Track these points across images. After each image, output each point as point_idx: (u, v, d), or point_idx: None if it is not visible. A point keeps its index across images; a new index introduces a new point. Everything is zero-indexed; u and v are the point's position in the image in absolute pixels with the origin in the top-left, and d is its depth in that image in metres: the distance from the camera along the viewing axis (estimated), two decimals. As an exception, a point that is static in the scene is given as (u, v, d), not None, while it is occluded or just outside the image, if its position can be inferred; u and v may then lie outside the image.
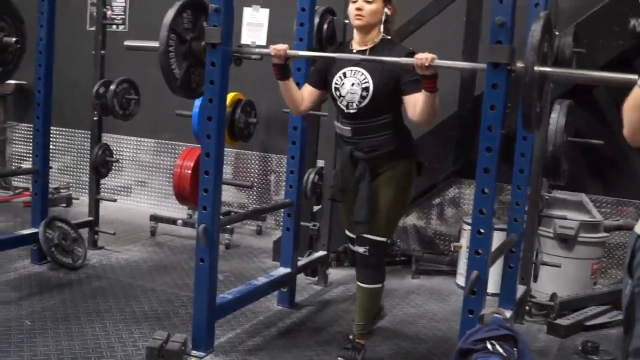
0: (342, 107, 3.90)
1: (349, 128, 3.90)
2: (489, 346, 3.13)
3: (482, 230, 3.31)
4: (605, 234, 5.49)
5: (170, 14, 3.80)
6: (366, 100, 3.79)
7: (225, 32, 3.75)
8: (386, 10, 3.84)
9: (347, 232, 4.18)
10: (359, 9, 3.79)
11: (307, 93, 4.09)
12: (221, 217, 4.05)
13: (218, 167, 3.88)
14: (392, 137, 3.87)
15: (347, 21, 5.18)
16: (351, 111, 3.85)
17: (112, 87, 5.71)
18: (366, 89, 3.78)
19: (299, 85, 4.19)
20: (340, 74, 3.89)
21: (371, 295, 4.05)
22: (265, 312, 4.80)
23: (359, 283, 4.04)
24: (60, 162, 8.25)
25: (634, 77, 3.09)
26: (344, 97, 3.86)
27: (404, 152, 3.94)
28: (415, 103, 3.67)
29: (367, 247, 3.91)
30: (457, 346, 3.23)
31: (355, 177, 3.92)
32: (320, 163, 5.64)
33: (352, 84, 3.82)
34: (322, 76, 4.04)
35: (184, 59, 3.91)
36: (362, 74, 3.81)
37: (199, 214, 3.92)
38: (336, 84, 3.90)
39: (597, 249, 5.42)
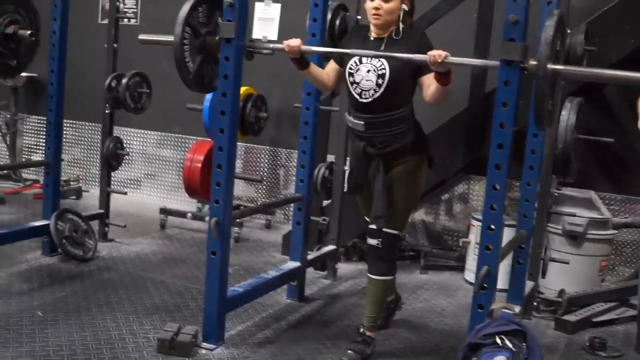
0: (355, 95, 3.89)
1: (362, 122, 3.90)
2: (498, 341, 3.16)
3: (492, 227, 3.34)
4: (613, 231, 5.51)
5: (186, 7, 3.82)
6: (381, 89, 3.79)
7: (239, 27, 3.77)
8: (404, 6, 3.85)
9: (369, 225, 4.17)
10: (376, 8, 3.80)
11: (331, 70, 4.13)
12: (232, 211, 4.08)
13: (230, 161, 3.91)
14: (404, 132, 3.89)
15: (359, 17, 5.22)
16: (364, 101, 3.85)
17: (124, 80, 5.73)
18: (382, 75, 3.78)
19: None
20: (355, 59, 3.87)
21: (382, 287, 4.08)
22: (274, 306, 4.83)
23: (370, 275, 4.08)
24: (70, 154, 8.29)
25: (646, 75, 3.13)
26: (358, 83, 3.86)
27: (416, 147, 3.96)
28: (429, 84, 3.71)
29: (380, 240, 3.96)
30: (467, 341, 3.26)
31: (370, 174, 3.98)
32: (331, 158, 5.66)
33: (368, 71, 3.82)
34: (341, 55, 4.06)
35: (198, 53, 3.93)
36: (379, 59, 3.80)
37: (211, 207, 3.95)
38: (350, 68, 3.89)
39: (606, 246, 5.44)
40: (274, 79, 7.02)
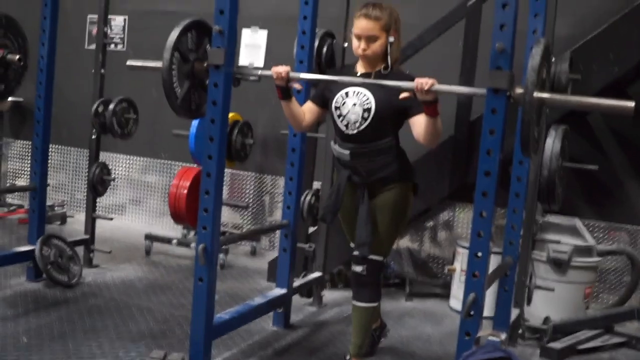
0: (341, 127, 3.93)
1: (347, 152, 3.94)
2: (486, 368, 3.16)
3: (479, 254, 3.35)
4: (598, 259, 5.53)
5: (175, 32, 3.85)
6: (367, 122, 3.84)
7: (228, 53, 3.79)
8: (390, 39, 3.88)
9: (353, 251, 4.17)
10: (363, 49, 3.86)
11: (308, 110, 4.14)
12: (220, 236, 4.08)
13: (218, 187, 3.91)
14: (390, 161, 3.93)
15: (346, 44, 5.25)
16: (350, 133, 3.90)
17: (111, 106, 5.74)
18: (368, 109, 3.83)
19: (300, 103, 4.23)
20: (342, 93, 3.93)
21: (367, 314, 4.09)
22: (260, 333, 4.82)
23: (354, 302, 4.09)
24: (55, 179, 8.26)
25: (630, 103, 3.17)
26: (344, 116, 3.90)
27: (401, 175, 4.00)
28: (418, 124, 3.75)
29: (365, 266, 3.97)
30: (454, 368, 3.26)
31: (355, 202, 4.01)
32: (317, 185, 5.68)
33: (354, 104, 3.87)
34: (322, 94, 4.10)
35: (186, 78, 3.96)
36: (365, 95, 3.86)
37: (198, 233, 3.94)
38: (337, 102, 3.94)
39: (590, 273, 5.46)
40: (260, 105, 7.04)
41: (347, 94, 3.92)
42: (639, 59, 5.47)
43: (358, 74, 3.96)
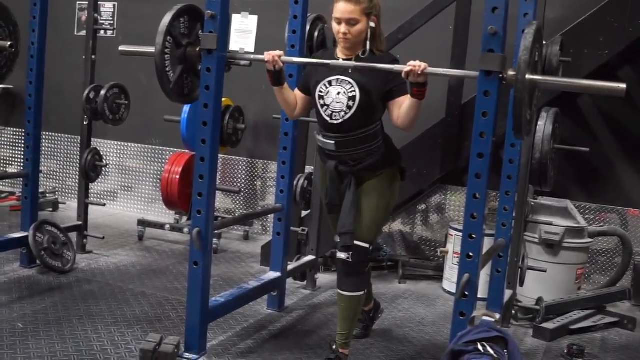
0: (325, 117, 3.88)
1: (332, 142, 3.89)
2: (480, 348, 3.19)
3: (473, 235, 3.37)
4: (589, 240, 5.58)
5: (168, 16, 3.85)
6: (352, 111, 3.79)
7: (221, 38, 3.80)
8: (371, 24, 3.80)
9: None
10: (344, 33, 3.78)
11: (298, 98, 4.13)
12: (214, 221, 4.10)
13: (212, 171, 3.93)
14: (376, 148, 3.90)
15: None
16: (335, 122, 3.84)
17: (102, 92, 5.73)
18: (352, 98, 3.79)
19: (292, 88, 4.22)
20: (325, 82, 3.87)
21: (353, 304, 3.99)
22: (255, 316, 4.85)
23: (340, 291, 3.99)
24: (46, 166, 8.24)
25: (621, 85, 3.19)
26: (328, 106, 3.85)
27: (387, 161, 3.96)
28: (400, 107, 3.73)
29: (350, 253, 3.87)
30: (449, 348, 3.28)
31: (342, 190, 3.97)
32: (309, 169, 5.70)
33: (338, 93, 3.82)
34: (306, 81, 4.06)
35: (179, 63, 3.96)
36: (349, 82, 3.80)
37: (193, 217, 3.96)
38: (320, 92, 3.89)
39: (582, 254, 5.51)
40: (251, 90, 7.05)
41: (330, 82, 3.86)
42: (629, 42, 5.50)
43: (340, 60, 3.87)
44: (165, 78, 3.90)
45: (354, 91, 3.79)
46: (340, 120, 3.83)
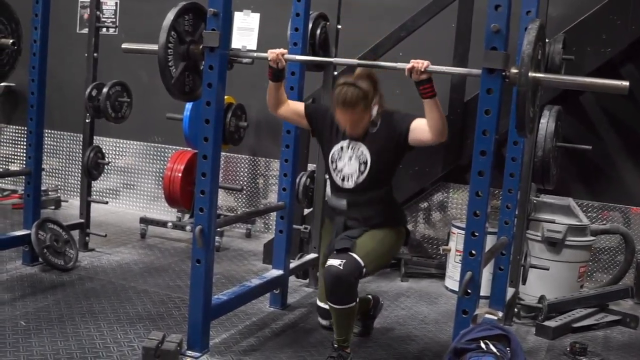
0: (337, 181, 4.00)
1: (344, 202, 3.99)
2: (483, 345, 3.19)
3: (476, 233, 3.37)
4: (592, 238, 5.58)
5: (172, 13, 3.86)
6: (364, 175, 3.91)
7: (223, 36, 3.80)
8: (373, 111, 3.88)
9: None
10: (350, 129, 3.89)
11: (293, 105, 4.19)
12: (216, 218, 4.10)
13: (215, 169, 3.93)
14: (384, 208, 4.01)
15: (339, 26, 5.26)
16: (347, 186, 3.96)
17: (104, 89, 5.73)
18: (365, 163, 3.90)
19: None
20: (338, 147, 3.99)
21: (345, 315, 3.90)
22: (258, 314, 4.85)
23: (330, 304, 3.87)
24: (48, 164, 8.24)
25: (624, 83, 3.19)
26: (340, 171, 3.98)
27: (394, 221, 4.07)
28: (422, 123, 3.74)
29: (344, 261, 3.73)
30: (452, 346, 3.29)
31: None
32: (312, 167, 5.69)
33: (350, 158, 3.94)
34: (313, 122, 4.13)
35: (181, 59, 3.98)
36: (359, 148, 3.92)
37: (195, 215, 3.96)
38: (333, 156, 4.01)
39: (584, 252, 5.51)
40: (253, 88, 7.03)
41: (342, 148, 3.98)
42: (631, 40, 5.50)
43: (346, 135, 3.97)
44: (167, 72, 3.92)
45: (365, 156, 3.91)
46: (352, 185, 3.96)
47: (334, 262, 3.76)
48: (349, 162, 3.94)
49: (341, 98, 3.79)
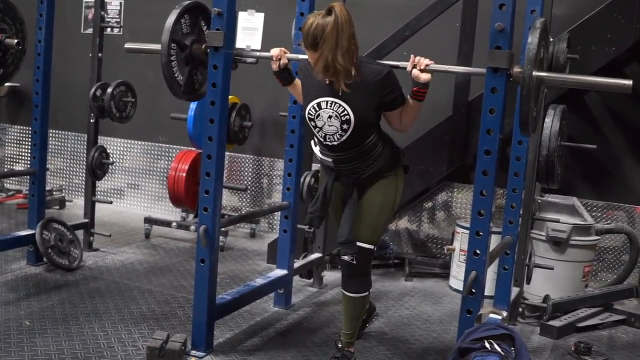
0: (319, 137, 3.79)
1: (330, 159, 3.83)
2: (487, 345, 3.19)
3: (480, 232, 3.37)
4: (596, 237, 5.57)
5: (169, 22, 3.86)
6: (348, 133, 3.67)
7: (227, 35, 3.80)
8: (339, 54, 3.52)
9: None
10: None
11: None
12: (220, 218, 4.10)
13: (219, 169, 3.93)
14: (377, 156, 3.79)
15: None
16: (329, 144, 3.75)
17: (109, 89, 5.73)
18: (347, 121, 3.64)
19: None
20: (313, 104, 3.72)
21: (358, 304, 3.97)
22: (262, 313, 4.85)
23: (345, 292, 3.95)
24: (53, 164, 8.25)
25: (628, 82, 3.19)
26: (320, 128, 3.73)
27: (390, 165, 3.86)
28: (399, 116, 3.72)
29: (355, 255, 3.81)
30: (456, 345, 3.29)
31: (342, 196, 3.95)
32: (316, 166, 5.68)
33: (330, 117, 3.66)
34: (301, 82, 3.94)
35: (186, 64, 4.00)
36: (340, 105, 3.64)
37: (200, 215, 3.96)
38: (310, 114, 3.74)
39: (589, 252, 5.50)
40: (258, 88, 7.05)
41: (319, 105, 3.69)
42: (636, 39, 5.49)
43: (327, 81, 3.64)
44: (175, 83, 3.99)
45: (347, 114, 3.63)
46: (335, 143, 3.74)
47: (346, 257, 3.84)
48: (329, 121, 3.65)
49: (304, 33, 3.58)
